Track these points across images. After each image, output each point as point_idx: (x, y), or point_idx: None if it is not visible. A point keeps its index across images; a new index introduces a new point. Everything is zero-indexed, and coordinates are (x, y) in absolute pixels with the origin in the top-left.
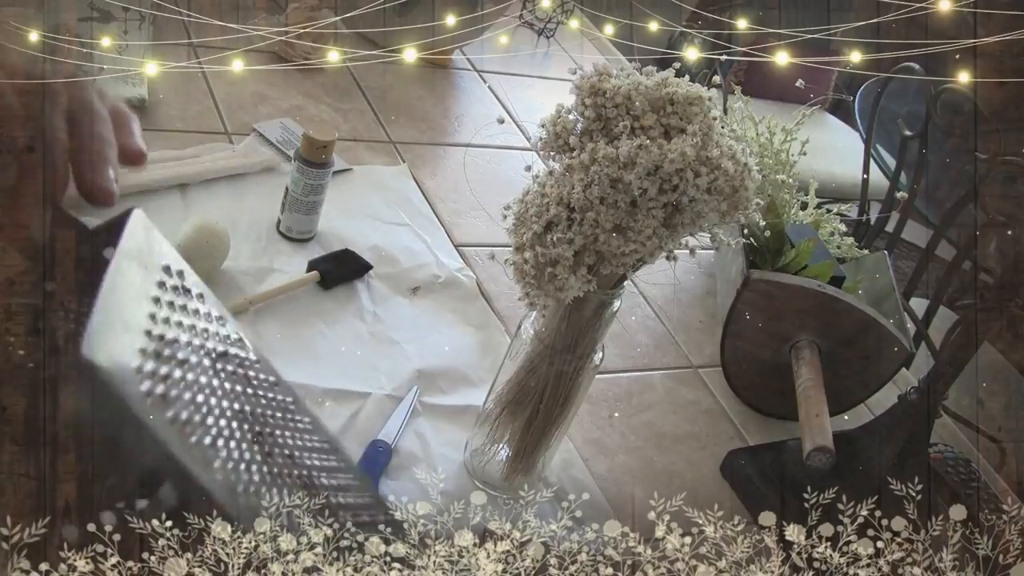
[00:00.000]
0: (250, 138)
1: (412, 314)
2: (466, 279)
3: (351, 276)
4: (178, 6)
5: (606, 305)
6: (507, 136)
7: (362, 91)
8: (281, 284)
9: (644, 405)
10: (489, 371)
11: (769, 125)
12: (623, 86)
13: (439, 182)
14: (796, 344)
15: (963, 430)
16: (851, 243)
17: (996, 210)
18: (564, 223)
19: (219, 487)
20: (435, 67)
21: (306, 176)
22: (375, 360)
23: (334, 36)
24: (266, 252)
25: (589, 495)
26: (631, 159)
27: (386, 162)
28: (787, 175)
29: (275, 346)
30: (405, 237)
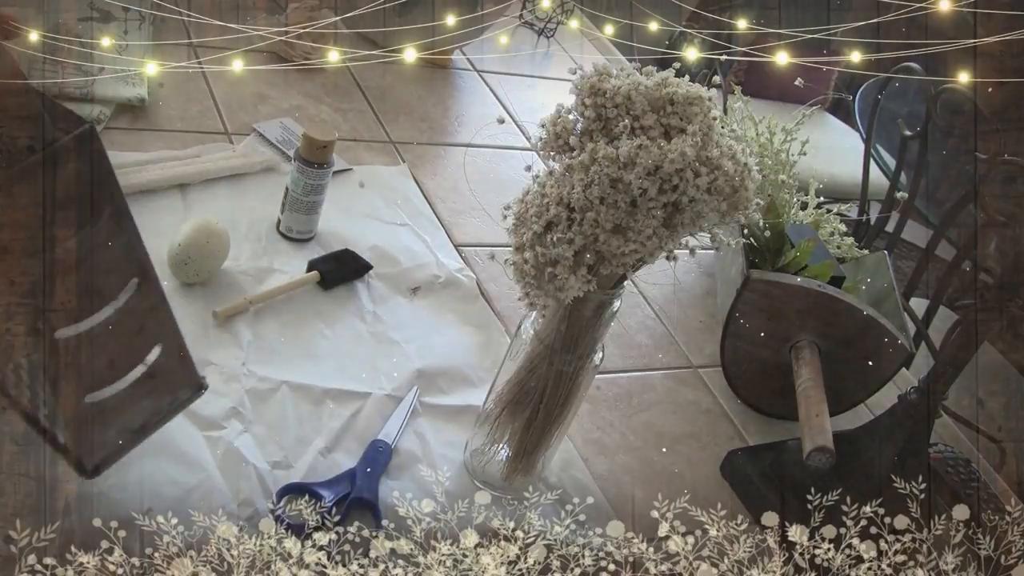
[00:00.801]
0: (250, 138)
1: (412, 314)
2: (466, 279)
3: (351, 276)
4: (178, 6)
5: (606, 305)
6: (507, 136)
7: (362, 91)
8: (281, 284)
9: (644, 405)
10: (489, 371)
11: (769, 125)
12: (623, 86)
13: (439, 182)
14: (796, 344)
15: (963, 430)
16: (851, 243)
17: (996, 210)
18: (564, 223)
19: None
20: (435, 67)
21: (306, 176)
22: (375, 360)
23: (334, 36)
24: (266, 252)
25: (590, 496)
26: (631, 159)
27: (386, 162)
28: (787, 175)
29: (275, 346)
30: (405, 237)
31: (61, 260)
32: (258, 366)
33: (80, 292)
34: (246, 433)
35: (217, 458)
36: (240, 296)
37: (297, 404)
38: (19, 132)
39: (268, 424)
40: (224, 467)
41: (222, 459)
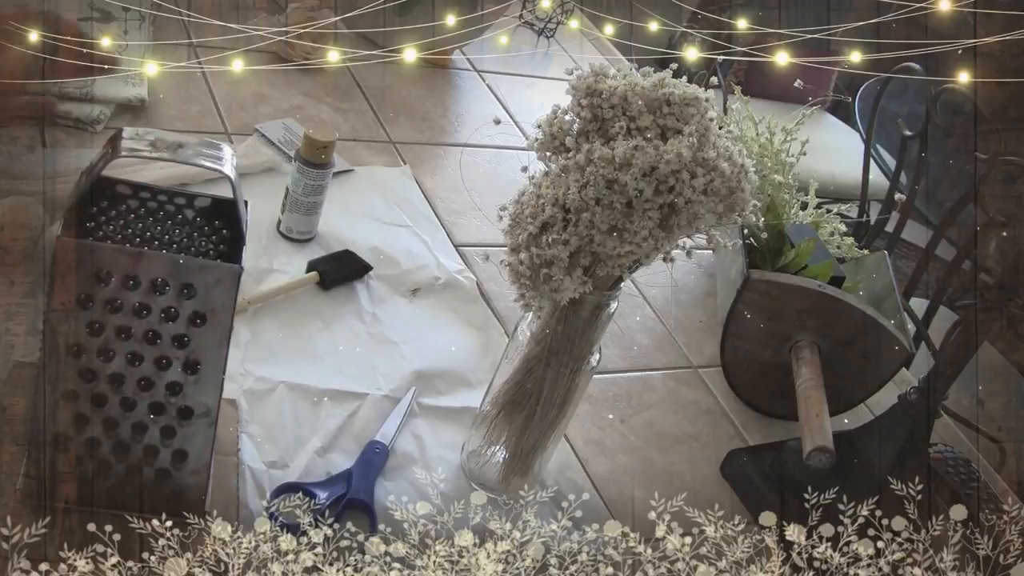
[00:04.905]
0: (252, 138)
1: (411, 315)
2: (466, 280)
3: (351, 277)
4: (178, 6)
5: (603, 307)
6: (507, 136)
7: (362, 91)
8: (280, 284)
9: (644, 405)
10: (488, 372)
11: (769, 125)
12: (619, 87)
13: (439, 182)
14: (796, 344)
15: (963, 430)
16: (851, 243)
17: (996, 210)
18: (560, 224)
19: None
20: (435, 67)
21: (306, 176)
22: (373, 361)
23: (334, 36)
24: (266, 252)
25: (588, 496)
26: (627, 160)
27: (386, 162)
28: (786, 175)
29: (273, 346)
30: (405, 238)
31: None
32: (256, 365)
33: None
34: (243, 432)
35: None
36: (239, 296)
37: (294, 404)
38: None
39: (265, 424)
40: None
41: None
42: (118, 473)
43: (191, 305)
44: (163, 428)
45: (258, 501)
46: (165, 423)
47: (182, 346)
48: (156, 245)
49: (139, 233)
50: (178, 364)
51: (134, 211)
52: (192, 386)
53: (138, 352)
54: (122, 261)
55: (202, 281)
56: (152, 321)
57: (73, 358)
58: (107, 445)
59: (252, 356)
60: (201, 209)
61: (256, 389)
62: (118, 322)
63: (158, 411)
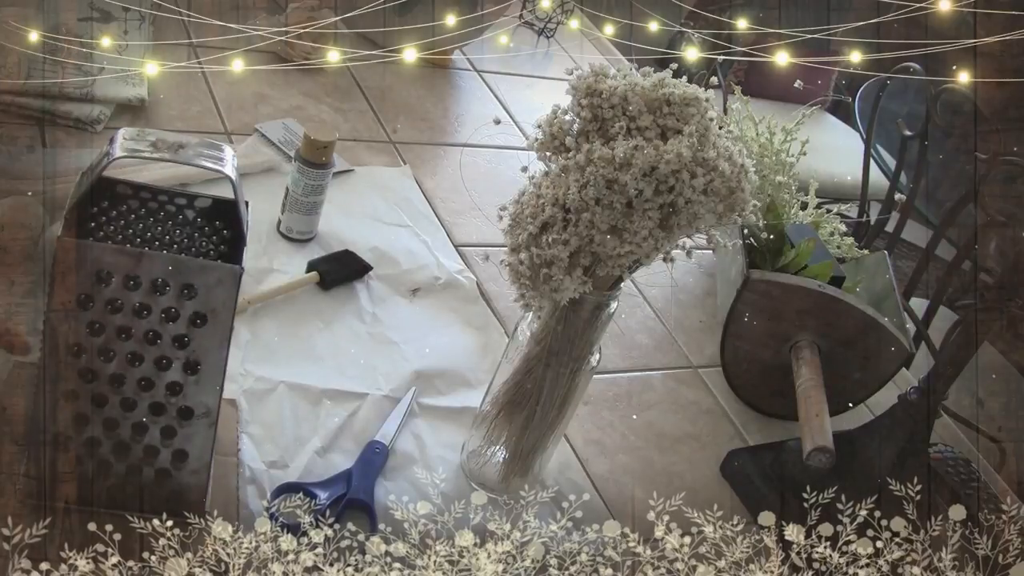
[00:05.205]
0: (252, 138)
1: (411, 315)
2: (466, 280)
3: (351, 277)
4: (178, 6)
5: (603, 307)
6: (507, 136)
7: (362, 91)
8: (280, 284)
9: (644, 405)
10: (488, 372)
11: (769, 125)
12: (619, 87)
13: (439, 182)
14: (796, 344)
15: (963, 430)
16: (851, 243)
17: (996, 210)
18: (559, 224)
19: None
20: (435, 67)
21: (306, 176)
22: (373, 361)
23: (334, 36)
24: (266, 252)
25: (588, 497)
26: (627, 160)
27: (386, 162)
28: (786, 175)
29: (273, 346)
30: (406, 238)
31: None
32: (256, 365)
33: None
34: (243, 432)
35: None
36: (239, 296)
37: (294, 404)
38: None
39: (265, 424)
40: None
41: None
42: (118, 473)
43: (192, 305)
44: (163, 428)
45: (258, 501)
46: (165, 423)
47: (182, 346)
48: (157, 245)
49: (140, 233)
50: (178, 364)
51: (135, 211)
52: (192, 386)
53: (138, 352)
54: (122, 261)
55: (203, 281)
56: (152, 321)
57: (73, 358)
58: (107, 445)
59: (252, 356)
60: (202, 209)
61: (256, 389)
62: (118, 322)
63: (158, 411)
